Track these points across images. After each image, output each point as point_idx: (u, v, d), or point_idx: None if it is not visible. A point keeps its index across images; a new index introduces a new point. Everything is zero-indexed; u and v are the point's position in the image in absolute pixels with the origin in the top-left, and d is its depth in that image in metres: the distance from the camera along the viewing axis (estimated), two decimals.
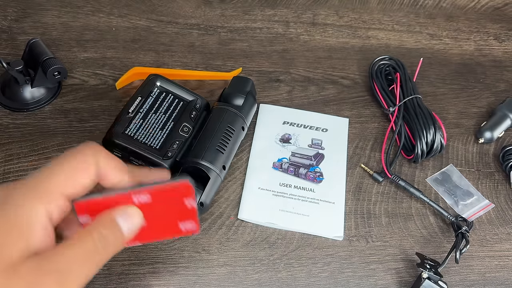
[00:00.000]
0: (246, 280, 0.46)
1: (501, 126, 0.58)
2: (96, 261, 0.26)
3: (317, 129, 0.57)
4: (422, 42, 0.69)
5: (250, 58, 0.64)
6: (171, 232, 0.32)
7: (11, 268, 0.23)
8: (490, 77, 0.65)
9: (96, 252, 0.26)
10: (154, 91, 0.53)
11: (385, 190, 0.53)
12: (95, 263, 0.26)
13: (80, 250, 0.26)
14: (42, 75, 0.55)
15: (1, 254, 0.24)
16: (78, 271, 0.25)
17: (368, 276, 0.47)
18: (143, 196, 0.29)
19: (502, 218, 0.52)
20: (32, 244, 0.25)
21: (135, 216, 0.29)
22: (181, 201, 0.30)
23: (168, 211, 0.30)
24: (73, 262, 0.25)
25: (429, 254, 0.48)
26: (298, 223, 0.49)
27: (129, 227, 0.28)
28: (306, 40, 0.67)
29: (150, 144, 0.49)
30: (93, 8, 0.68)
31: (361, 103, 0.61)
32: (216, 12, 0.70)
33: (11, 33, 0.64)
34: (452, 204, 0.53)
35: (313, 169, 0.53)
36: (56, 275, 0.24)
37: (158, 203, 0.30)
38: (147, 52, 0.63)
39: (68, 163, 0.27)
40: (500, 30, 0.72)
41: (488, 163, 0.56)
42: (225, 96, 0.54)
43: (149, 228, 0.30)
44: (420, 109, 0.55)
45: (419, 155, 0.53)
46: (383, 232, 0.50)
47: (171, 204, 0.30)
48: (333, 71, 0.64)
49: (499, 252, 0.50)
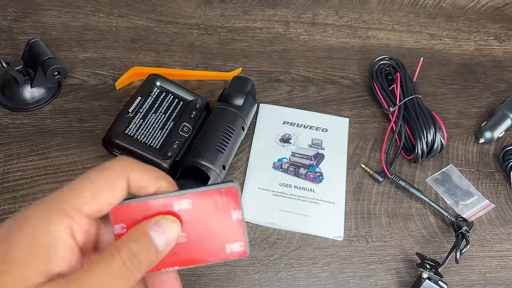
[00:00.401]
0: (246, 280, 0.46)
1: (501, 126, 0.58)
2: (126, 282, 0.23)
3: (317, 129, 0.57)
4: (422, 42, 0.69)
5: (250, 58, 0.64)
6: (215, 253, 0.27)
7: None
8: (490, 77, 0.65)
9: (126, 272, 0.23)
10: (154, 91, 0.53)
11: (385, 190, 0.53)
12: (124, 285, 0.23)
13: (107, 271, 0.23)
14: (41, 75, 0.55)
15: (19, 277, 0.22)
16: None
17: (368, 276, 0.47)
18: (184, 201, 0.26)
19: (502, 218, 0.52)
20: (54, 265, 0.23)
21: (171, 226, 0.26)
22: (227, 212, 0.26)
23: (211, 224, 0.26)
24: (99, 286, 0.22)
25: (429, 254, 0.48)
26: (298, 223, 0.49)
27: (164, 240, 0.25)
28: (306, 40, 0.67)
29: (150, 144, 0.49)
30: (93, 8, 0.68)
31: (361, 103, 0.61)
32: (216, 12, 0.69)
33: (11, 33, 0.64)
34: (452, 204, 0.52)
35: (313, 169, 0.53)
36: None
37: (201, 212, 0.26)
38: (147, 52, 0.63)
39: (92, 180, 0.25)
40: (500, 30, 0.72)
41: (488, 163, 0.56)
42: (225, 96, 0.54)
43: (189, 247, 0.26)
44: (420, 109, 0.55)
45: (419, 155, 0.53)
46: (383, 232, 0.50)
47: (215, 215, 0.26)
48: (333, 71, 0.64)
49: (499, 252, 0.50)
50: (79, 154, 0.53)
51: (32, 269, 0.22)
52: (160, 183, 0.27)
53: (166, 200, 0.26)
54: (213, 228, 0.26)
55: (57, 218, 0.23)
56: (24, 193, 0.49)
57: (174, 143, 0.49)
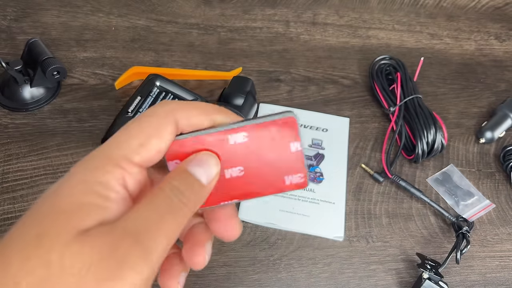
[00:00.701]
0: (246, 280, 0.46)
1: (501, 126, 0.58)
2: (175, 218, 0.23)
3: (317, 129, 0.57)
4: (423, 42, 0.69)
5: (250, 58, 0.64)
6: (274, 185, 0.26)
7: (84, 234, 0.20)
8: (491, 77, 0.65)
9: (172, 207, 0.23)
10: (153, 91, 0.53)
11: (385, 190, 0.53)
12: (175, 220, 0.23)
13: (153, 207, 0.22)
14: (41, 75, 0.55)
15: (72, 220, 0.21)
16: (156, 231, 0.22)
17: (368, 276, 0.47)
18: (240, 135, 0.25)
19: (502, 219, 0.52)
20: (107, 215, 0.22)
21: (209, 160, 0.25)
22: (285, 144, 0.25)
23: (269, 157, 0.25)
24: (148, 220, 0.22)
25: (430, 254, 0.48)
26: (298, 223, 0.49)
27: (204, 174, 0.25)
28: (306, 40, 0.67)
29: None
30: (93, 8, 0.68)
31: (362, 103, 0.61)
32: (216, 11, 0.69)
33: (10, 33, 0.64)
34: (453, 204, 0.52)
35: (313, 169, 0.53)
36: (133, 237, 0.21)
37: (258, 144, 0.25)
38: (146, 51, 0.63)
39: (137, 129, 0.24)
40: (501, 30, 0.71)
41: (488, 163, 0.56)
42: (225, 96, 0.54)
43: (246, 180, 0.26)
44: (421, 109, 0.55)
45: (420, 155, 0.53)
46: (384, 232, 0.50)
47: (272, 147, 0.25)
48: (333, 70, 0.64)
49: (499, 252, 0.49)
50: (79, 154, 0.53)
51: (85, 213, 0.21)
52: (214, 116, 0.26)
53: (219, 134, 0.25)
54: (271, 161, 0.26)
55: (108, 169, 0.23)
56: (24, 193, 0.49)
57: None
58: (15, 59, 0.54)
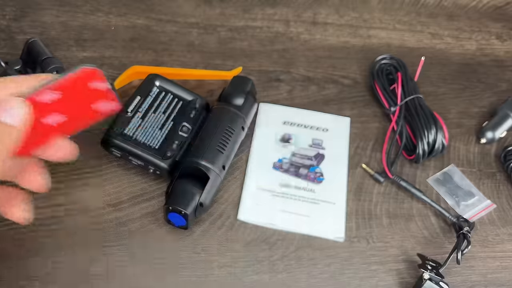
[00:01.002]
0: (245, 281, 0.45)
1: (503, 126, 0.57)
2: None
3: (318, 129, 0.57)
4: (424, 42, 0.68)
5: (250, 58, 0.64)
6: (93, 117, 0.36)
7: None
8: (492, 77, 0.65)
9: None
10: (153, 91, 0.52)
11: (386, 190, 0.53)
12: None
13: None
14: None
15: None
16: None
17: (369, 277, 0.47)
18: (46, 96, 0.32)
19: (503, 219, 0.52)
20: None
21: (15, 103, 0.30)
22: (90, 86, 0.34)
23: (82, 100, 0.34)
24: None
25: (431, 255, 0.48)
26: (299, 224, 0.49)
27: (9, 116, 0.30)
28: (306, 40, 0.67)
29: (149, 144, 0.49)
30: (92, 8, 0.67)
31: (362, 102, 0.60)
32: (215, 11, 0.69)
33: (9, 32, 0.63)
34: (454, 204, 0.52)
35: (314, 169, 0.53)
36: None
37: (68, 95, 0.33)
38: (146, 51, 0.63)
39: None
40: (502, 29, 0.71)
41: (489, 163, 0.56)
42: (225, 96, 0.53)
43: (71, 121, 0.34)
44: (422, 109, 0.55)
45: (421, 155, 0.53)
46: (384, 232, 0.50)
47: (82, 93, 0.34)
48: (333, 70, 0.64)
49: (500, 252, 0.49)
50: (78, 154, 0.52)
51: None
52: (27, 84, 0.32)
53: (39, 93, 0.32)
54: (84, 102, 0.35)
55: None
56: None
57: (174, 143, 0.49)
58: (14, 58, 0.54)
